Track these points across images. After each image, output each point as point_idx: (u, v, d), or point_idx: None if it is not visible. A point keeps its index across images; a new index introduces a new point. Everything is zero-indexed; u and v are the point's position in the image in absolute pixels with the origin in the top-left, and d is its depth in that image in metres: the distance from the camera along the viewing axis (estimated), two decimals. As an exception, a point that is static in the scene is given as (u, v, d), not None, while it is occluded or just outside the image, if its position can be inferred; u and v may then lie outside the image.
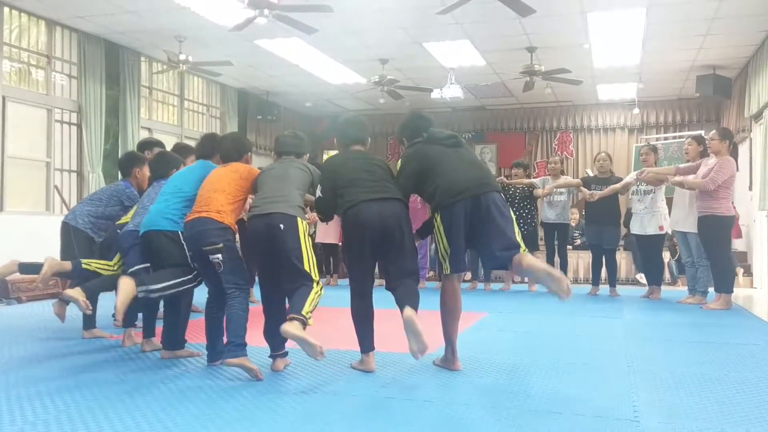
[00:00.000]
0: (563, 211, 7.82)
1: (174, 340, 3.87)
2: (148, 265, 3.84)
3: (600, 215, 7.37)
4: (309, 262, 3.36)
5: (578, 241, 9.86)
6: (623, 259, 9.37)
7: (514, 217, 3.50)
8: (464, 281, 8.78)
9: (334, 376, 3.43)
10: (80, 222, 4.62)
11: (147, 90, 9.70)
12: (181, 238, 3.61)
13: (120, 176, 4.99)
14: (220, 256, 3.41)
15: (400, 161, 3.67)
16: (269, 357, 3.63)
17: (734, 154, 6.42)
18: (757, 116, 8.68)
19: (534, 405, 2.92)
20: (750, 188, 9.19)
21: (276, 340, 3.58)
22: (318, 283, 3.36)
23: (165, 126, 10.12)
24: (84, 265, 4.03)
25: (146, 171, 4.65)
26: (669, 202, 7.00)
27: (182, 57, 8.41)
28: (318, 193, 3.63)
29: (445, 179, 3.40)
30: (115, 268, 4.08)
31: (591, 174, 8.19)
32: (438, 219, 3.43)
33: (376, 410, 2.89)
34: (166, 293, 3.61)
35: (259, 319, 3.59)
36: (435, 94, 10.39)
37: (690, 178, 6.27)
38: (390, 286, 3.49)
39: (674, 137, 11.35)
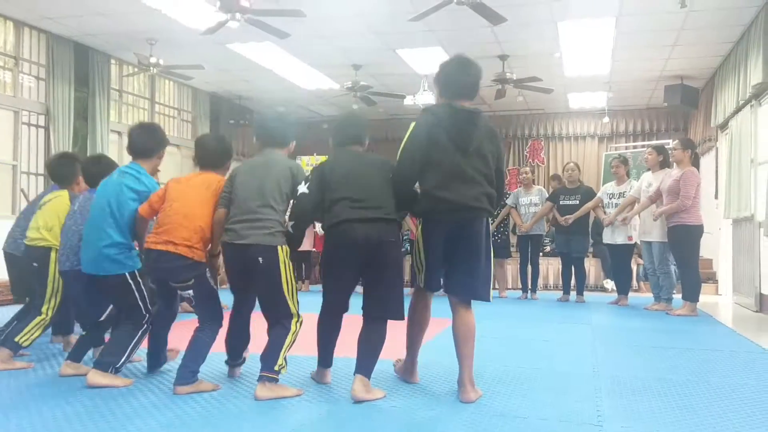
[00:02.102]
0: (538, 223, 7.92)
1: None
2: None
3: (569, 225, 7.50)
4: (289, 292, 3.18)
5: (548, 248, 9.96)
6: (592, 266, 9.48)
7: (492, 252, 3.24)
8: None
9: (299, 383, 3.40)
10: (23, 249, 4.26)
11: (117, 93, 9.58)
12: (129, 279, 3.36)
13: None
14: (191, 291, 3.27)
15: (410, 130, 3.14)
16: (225, 363, 3.60)
17: (695, 163, 6.56)
18: (723, 126, 8.86)
19: (499, 409, 2.93)
20: (716, 197, 9.37)
21: (235, 350, 3.55)
22: (297, 316, 3.21)
23: (135, 129, 9.98)
24: (23, 343, 3.78)
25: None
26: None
27: (153, 60, 8.32)
28: (303, 189, 3.19)
29: (438, 185, 3.06)
30: (48, 314, 3.86)
31: (565, 182, 8.28)
32: (420, 228, 3.23)
33: (341, 416, 2.88)
34: (133, 355, 3.47)
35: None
36: (408, 101, 10.41)
37: (666, 206, 6.30)
38: (363, 310, 3.24)
39: (643, 146, 11.52)
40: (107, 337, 3.66)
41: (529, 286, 8.03)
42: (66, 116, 8.34)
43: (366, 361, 3.11)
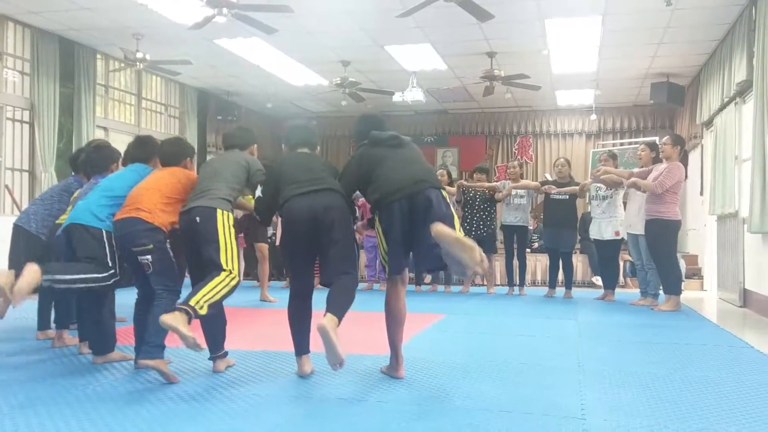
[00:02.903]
0: (523, 214, 7.92)
1: (102, 344, 3.77)
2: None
3: (557, 219, 7.54)
4: (227, 253, 3.28)
5: (536, 245, 10.01)
6: (580, 262, 9.54)
7: (454, 213, 3.38)
8: (424, 284, 8.84)
9: (283, 380, 3.40)
10: (33, 225, 4.48)
11: (103, 88, 9.52)
12: (104, 237, 3.48)
13: (73, 172, 4.81)
14: (149, 257, 3.33)
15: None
16: (209, 359, 3.59)
17: (684, 160, 6.62)
18: (708, 123, 8.93)
19: (485, 404, 2.95)
20: (701, 193, 9.45)
21: (213, 339, 3.55)
22: (230, 273, 3.26)
23: (122, 125, 9.94)
24: None
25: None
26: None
27: (139, 55, 8.27)
28: (259, 193, 3.57)
29: (383, 179, 3.34)
30: None
31: (550, 178, 8.31)
32: (377, 220, 3.38)
33: (324, 413, 2.87)
34: (74, 286, 3.40)
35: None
36: (397, 98, 10.43)
37: (642, 181, 6.42)
38: (324, 282, 3.35)
39: (630, 143, 11.61)
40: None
41: (516, 282, 8.06)
42: (51, 112, 8.28)
43: (337, 305, 3.16)
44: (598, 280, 9.09)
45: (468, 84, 10.52)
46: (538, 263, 9.68)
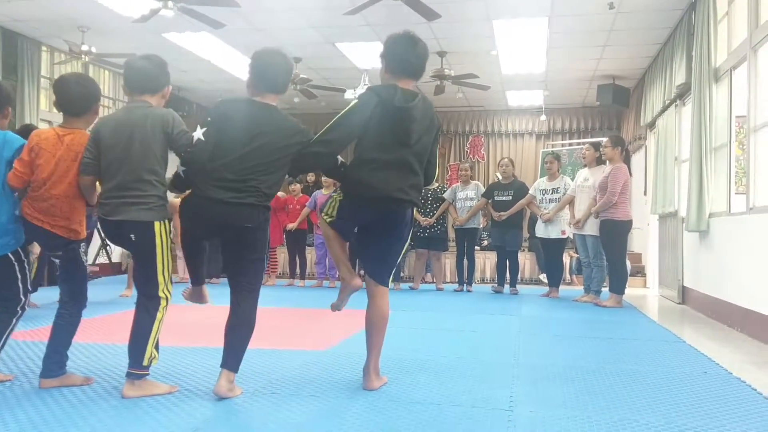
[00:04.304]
0: (474, 217, 8.06)
1: None
2: None
3: (503, 219, 7.67)
4: (164, 273, 3.00)
5: (485, 242, 10.14)
6: (527, 260, 9.70)
7: (407, 245, 3.28)
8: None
9: (213, 374, 3.38)
10: None
11: (48, 81, 9.26)
12: (16, 267, 3.08)
13: None
14: (58, 261, 3.14)
15: (352, 104, 3.06)
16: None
17: (626, 159, 6.82)
18: (651, 125, 9.18)
19: (416, 397, 2.99)
20: (645, 193, 9.70)
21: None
22: (166, 299, 3.01)
23: (67, 119, 9.69)
24: None
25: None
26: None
27: (85, 48, 8.09)
28: (200, 135, 2.92)
29: (365, 177, 3.00)
30: None
31: (500, 177, 8.44)
32: (339, 197, 3.13)
33: (250, 408, 2.86)
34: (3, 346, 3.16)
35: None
36: (348, 95, 10.41)
37: (598, 204, 6.64)
38: (232, 290, 3.06)
39: (579, 143, 11.84)
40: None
41: (465, 279, 8.17)
42: (-9, 104, 8.03)
43: (232, 354, 2.96)
44: (545, 278, 9.26)
45: (419, 83, 10.54)
46: (486, 261, 9.81)
